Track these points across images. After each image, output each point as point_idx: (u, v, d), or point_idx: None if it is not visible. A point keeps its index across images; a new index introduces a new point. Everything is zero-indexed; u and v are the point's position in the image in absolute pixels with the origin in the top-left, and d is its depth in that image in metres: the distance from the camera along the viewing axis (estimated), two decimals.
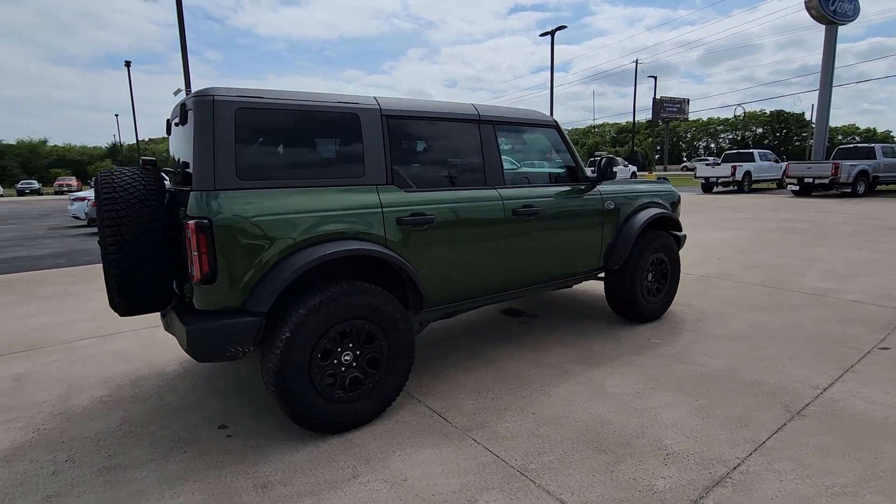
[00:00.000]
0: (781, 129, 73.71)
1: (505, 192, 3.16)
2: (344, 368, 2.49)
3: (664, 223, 4.21)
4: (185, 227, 2.22)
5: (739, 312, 4.30)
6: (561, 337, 3.82)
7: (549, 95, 30.24)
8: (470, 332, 4.04)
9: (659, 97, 49.70)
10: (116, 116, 53.68)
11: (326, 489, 2.07)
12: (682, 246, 4.38)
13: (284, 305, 2.34)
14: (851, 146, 17.98)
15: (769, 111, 73.24)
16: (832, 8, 19.39)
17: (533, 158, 4.25)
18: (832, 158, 17.30)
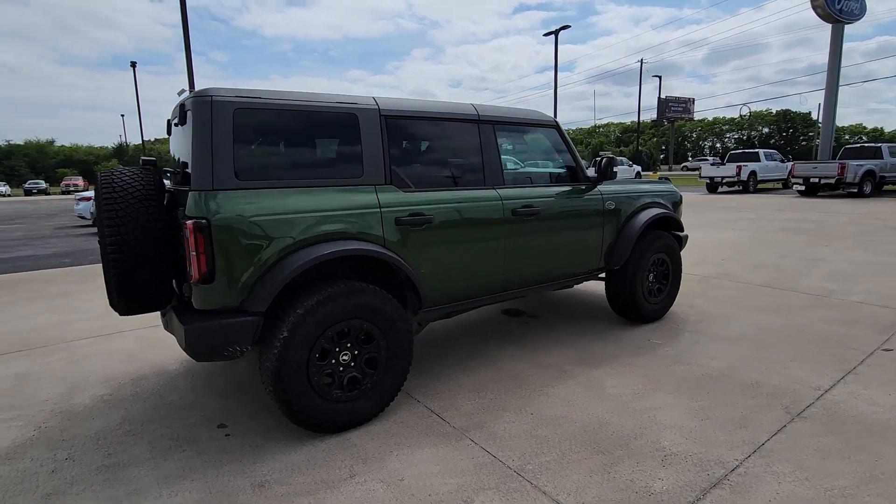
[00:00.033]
0: (788, 128, 73.20)
1: (504, 192, 3.15)
2: (342, 368, 2.50)
3: (666, 223, 4.19)
4: (183, 226, 2.23)
5: (741, 313, 4.28)
6: (561, 337, 3.81)
7: (553, 95, 30.25)
8: (470, 332, 4.03)
9: (664, 97, 49.63)
10: (122, 117, 54.66)
11: (323, 489, 2.08)
12: (683, 246, 4.36)
13: (282, 305, 2.35)
14: (858, 146, 17.77)
15: (775, 111, 72.71)
16: (838, 7, 19.29)
17: (533, 158, 4.24)
18: (838, 158, 17.13)
